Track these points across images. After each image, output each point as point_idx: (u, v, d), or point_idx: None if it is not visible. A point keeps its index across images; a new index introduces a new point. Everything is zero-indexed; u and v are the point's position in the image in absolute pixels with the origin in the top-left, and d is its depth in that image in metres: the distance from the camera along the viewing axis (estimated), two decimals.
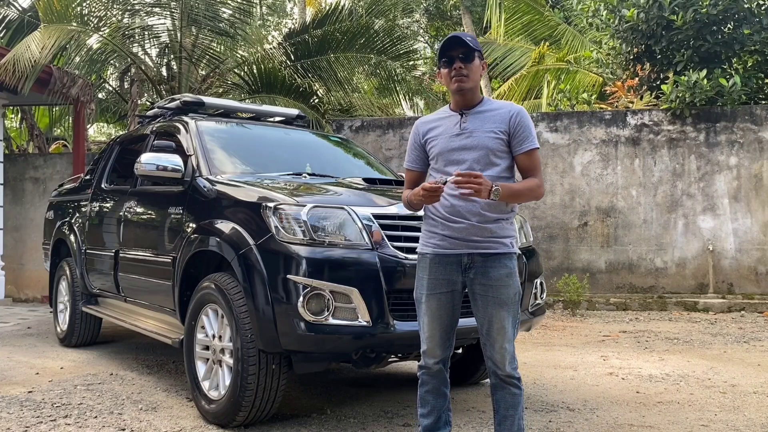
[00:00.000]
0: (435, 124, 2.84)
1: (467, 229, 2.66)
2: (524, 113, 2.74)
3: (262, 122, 5.32)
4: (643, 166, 8.86)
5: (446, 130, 2.77)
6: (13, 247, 9.82)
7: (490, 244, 2.67)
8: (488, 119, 2.72)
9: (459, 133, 2.73)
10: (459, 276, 2.71)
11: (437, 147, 2.77)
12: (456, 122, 2.76)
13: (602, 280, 8.82)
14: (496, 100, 2.83)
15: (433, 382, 2.81)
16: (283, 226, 3.29)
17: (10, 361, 5.22)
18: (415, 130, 2.89)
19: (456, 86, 2.71)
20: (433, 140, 2.80)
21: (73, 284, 5.73)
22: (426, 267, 2.75)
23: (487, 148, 2.68)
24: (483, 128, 2.70)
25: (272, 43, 13.74)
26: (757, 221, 8.57)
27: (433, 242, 2.74)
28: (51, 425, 3.54)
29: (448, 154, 2.73)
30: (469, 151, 2.70)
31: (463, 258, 2.69)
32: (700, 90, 8.55)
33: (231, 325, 3.39)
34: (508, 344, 2.69)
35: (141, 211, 4.76)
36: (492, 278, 2.66)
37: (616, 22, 9.87)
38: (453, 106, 2.82)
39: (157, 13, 9.79)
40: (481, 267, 2.67)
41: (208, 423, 3.54)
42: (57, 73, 8.58)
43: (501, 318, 2.68)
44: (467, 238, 2.67)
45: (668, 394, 4.28)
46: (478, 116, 2.73)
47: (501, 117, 2.71)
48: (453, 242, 2.68)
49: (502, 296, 2.67)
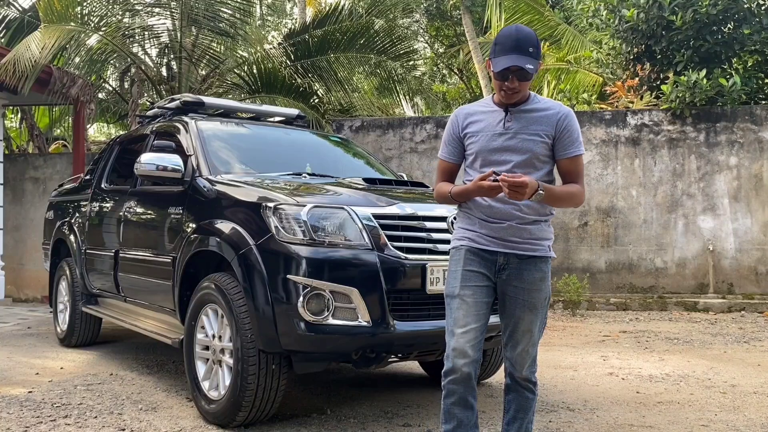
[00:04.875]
0: (477, 118, 2.62)
1: (506, 230, 2.54)
2: (573, 116, 2.57)
3: (262, 122, 5.32)
4: (643, 166, 8.86)
5: (488, 126, 2.57)
6: (13, 247, 9.82)
7: (527, 245, 2.55)
8: (535, 120, 2.53)
9: (503, 132, 2.54)
10: (493, 274, 2.57)
11: (477, 144, 2.57)
12: (500, 120, 2.55)
13: (602, 280, 8.82)
14: (544, 98, 2.63)
15: (460, 391, 2.52)
16: (283, 226, 3.29)
17: (10, 361, 5.21)
18: (454, 119, 2.68)
19: (504, 99, 2.54)
20: (473, 136, 2.60)
21: (73, 284, 5.73)
22: (460, 259, 2.59)
23: (531, 152, 2.51)
24: (529, 130, 2.52)
25: (272, 43, 13.73)
26: (757, 221, 8.57)
27: (469, 237, 2.60)
28: (51, 425, 3.53)
29: (489, 154, 2.55)
30: (512, 153, 2.52)
31: (499, 257, 2.56)
32: (700, 90, 8.55)
33: (231, 325, 3.39)
34: (531, 348, 2.61)
35: (141, 211, 4.75)
36: (526, 281, 2.56)
37: (616, 22, 9.87)
38: (498, 100, 2.60)
39: (157, 13, 9.78)
40: (516, 269, 2.55)
41: (207, 423, 3.54)
42: (57, 73, 8.57)
43: (529, 321, 2.58)
44: (505, 238, 2.54)
45: (668, 394, 4.28)
46: (524, 116, 2.54)
47: (549, 119, 2.53)
48: (490, 240, 2.55)
49: (533, 300, 2.57)
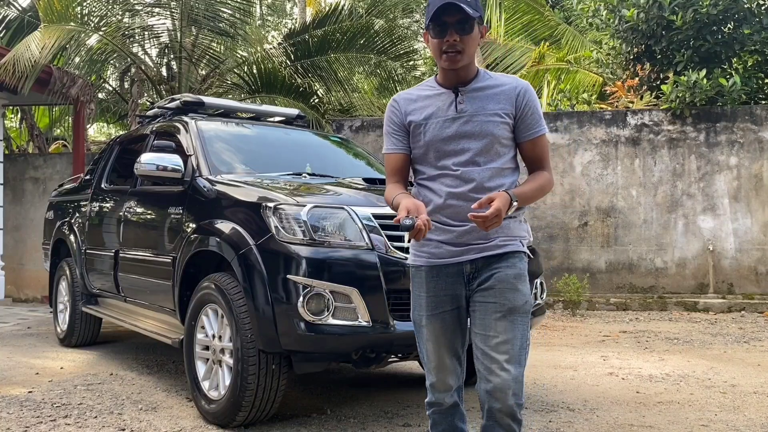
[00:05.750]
0: (422, 104, 2.24)
1: (470, 233, 2.13)
2: (532, 90, 2.22)
3: (262, 122, 5.32)
4: (643, 166, 8.86)
5: (437, 111, 2.20)
6: (13, 247, 9.82)
7: (497, 243, 2.15)
8: (491, 98, 2.18)
9: (456, 116, 2.17)
10: (463, 289, 2.17)
11: (428, 134, 2.19)
12: (450, 102, 2.19)
13: (602, 280, 8.82)
14: (494, 74, 2.26)
15: (447, 420, 2.23)
16: (283, 226, 3.29)
17: (10, 361, 5.21)
18: (394, 107, 2.28)
19: (447, 64, 2.16)
20: (420, 125, 2.21)
21: (73, 284, 5.73)
22: (422, 282, 2.20)
23: (492, 135, 2.15)
24: (486, 110, 2.16)
25: (272, 43, 13.73)
26: (758, 221, 8.57)
27: (427, 251, 2.18)
28: (51, 425, 3.53)
29: (443, 144, 2.17)
30: (470, 139, 2.15)
31: (466, 266, 2.16)
32: (700, 90, 8.55)
33: (231, 325, 3.39)
34: (513, 366, 2.05)
35: (141, 211, 4.75)
36: (497, 280, 2.11)
37: (616, 22, 9.86)
38: (443, 80, 2.24)
39: (157, 13, 9.79)
40: (486, 270, 2.14)
41: (207, 423, 3.54)
42: (57, 73, 8.58)
43: (504, 329, 2.07)
44: (470, 243, 2.14)
45: (668, 394, 4.27)
46: (477, 95, 2.19)
47: (506, 95, 2.18)
48: (452, 249, 2.15)
49: (507, 302, 2.09)
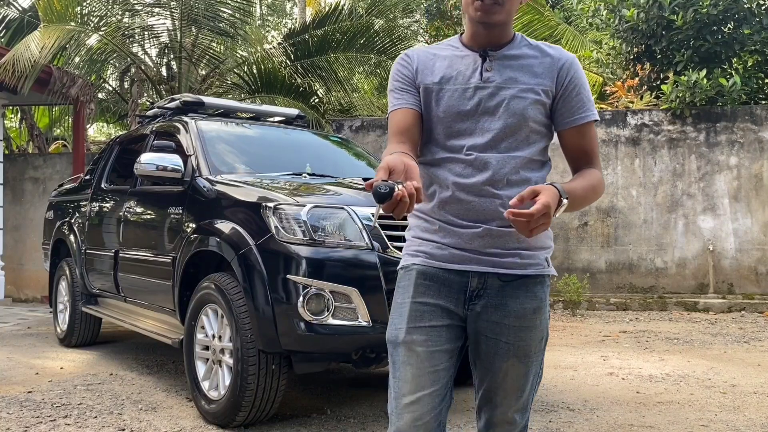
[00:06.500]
0: (439, 65, 1.71)
1: (482, 238, 1.64)
2: (579, 66, 1.72)
3: (262, 122, 5.32)
4: (643, 166, 8.86)
5: (457, 77, 1.68)
6: (13, 247, 9.82)
7: (515, 260, 1.66)
8: (526, 69, 1.68)
9: (480, 85, 1.66)
10: (460, 306, 1.68)
11: (441, 103, 1.67)
12: (475, 67, 1.68)
13: (602, 280, 8.82)
14: (535, 41, 1.74)
15: None
16: (283, 226, 3.29)
17: (10, 361, 5.21)
18: (405, 61, 1.75)
19: (480, 15, 1.65)
20: (432, 91, 1.69)
21: (73, 284, 5.73)
22: (409, 286, 1.69)
23: (521, 116, 1.64)
24: (518, 83, 1.66)
25: (272, 43, 13.72)
26: (758, 221, 8.56)
27: (424, 250, 1.70)
28: (51, 425, 3.53)
29: (458, 120, 1.66)
30: (492, 117, 1.64)
31: (472, 280, 1.66)
32: (700, 90, 8.55)
33: (231, 325, 3.39)
34: (520, 415, 1.74)
35: (141, 211, 4.75)
36: (512, 314, 1.66)
37: (616, 22, 9.86)
38: (470, 39, 1.72)
39: (157, 13, 9.78)
40: (497, 296, 1.66)
41: (207, 423, 3.54)
42: (57, 73, 8.57)
43: (516, 376, 1.70)
44: (481, 250, 1.65)
45: (668, 394, 4.27)
46: (510, 63, 1.68)
47: (546, 68, 1.68)
48: (458, 253, 1.66)
49: (523, 343, 1.68)
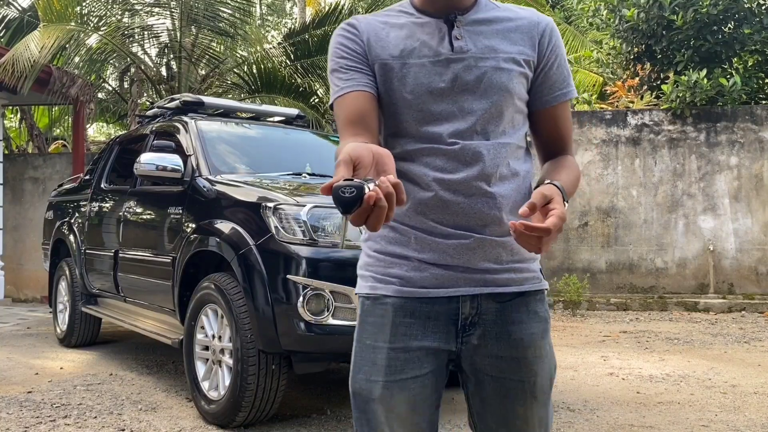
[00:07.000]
0: (394, 35, 1.35)
1: (473, 250, 1.31)
2: (558, 31, 1.41)
3: (262, 122, 5.31)
4: (643, 166, 8.85)
5: (421, 48, 1.32)
6: (13, 247, 9.81)
7: (511, 275, 1.35)
8: (502, 36, 1.35)
9: (452, 56, 1.31)
10: (452, 341, 1.34)
11: (406, 82, 1.31)
12: (441, 35, 1.32)
13: (603, 280, 8.81)
14: (502, 3, 1.42)
15: None
16: (282, 226, 3.28)
17: (10, 362, 5.21)
18: (349, 31, 1.37)
19: None
20: (392, 68, 1.32)
21: (73, 284, 5.72)
22: (384, 325, 1.32)
23: (506, 91, 1.32)
24: (497, 52, 1.33)
25: (272, 42, 13.73)
26: (758, 221, 8.56)
27: (398, 273, 1.32)
28: (50, 425, 3.53)
29: (431, 100, 1.31)
30: (474, 95, 1.31)
31: (463, 305, 1.33)
32: (700, 90, 8.55)
33: (231, 325, 3.39)
34: None
35: (140, 211, 4.75)
36: (516, 343, 1.34)
37: (617, 22, 9.86)
38: (424, 3, 1.37)
39: (156, 12, 9.78)
40: (496, 323, 1.34)
41: (207, 423, 3.53)
42: (56, 72, 8.57)
43: (539, 419, 1.37)
44: (472, 266, 1.32)
45: (668, 394, 4.27)
46: (481, 29, 1.35)
47: (524, 33, 1.36)
48: (442, 274, 1.32)
49: (538, 378, 1.35)
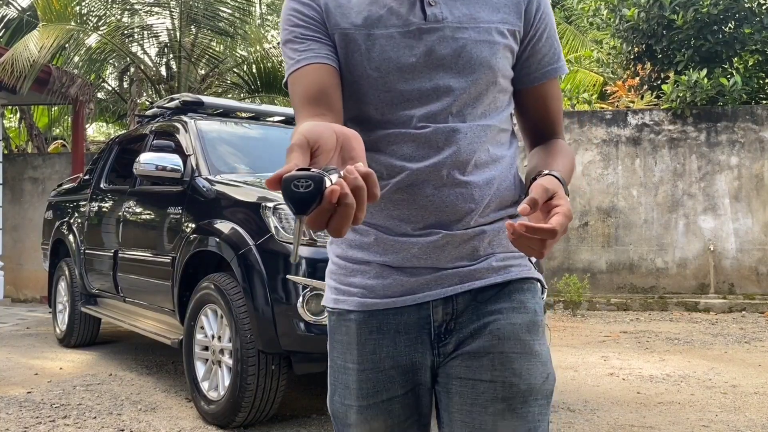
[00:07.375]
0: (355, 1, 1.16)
1: (442, 248, 1.13)
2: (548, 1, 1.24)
3: (261, 122, 5.30)
4: (643, 166, 8.85)
5: (387, 17, 1.14)
6: (12, 247, 9.80)
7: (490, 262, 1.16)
8: (482, 1, 1.17)
9: (424, 26, 1.13)
10: (427, 353, 1.16)
11: (371, 57, 1.13)
12: (410, 1, 1.14)
13: (603, 281, 8.80)
14: None
15: None
16: (282, 225, 3.28)
17: (9, 362, 5.20)
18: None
19: None
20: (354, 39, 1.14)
21: (72, 284, 5.71)
22: (350, 344, 1.18)
23: (488, 67, 1.14)
24: (477, 21, 1.15)
25: (272, 42, 13.72)
26: (758, 221, 8.55)
27: (359, 283, 1.18)
28: (50, 426, 3.52)
29: (400, 78, 1.13)
30: (450, 72, 1.13)
31: (436, 311, 1.15)
32: (700, 90, 8.54)
33: (230, 325, 3.38)
34: None
35: (140, 211, 4.74)
36: (494, 336, 1.13)
37: (617, 22, 9.85)
38: None
39: (156, 12, 9.79)
40: (471, 320, 1.14)
41: (207, 424, 3.53)
42: (56, 72, 8.56)
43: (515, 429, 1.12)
44: (442, 266, 1.14)
45: (669, 394, 4.26)
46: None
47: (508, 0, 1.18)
48: (408, 281, 1.15)
49: (515, 378, 1.12)
